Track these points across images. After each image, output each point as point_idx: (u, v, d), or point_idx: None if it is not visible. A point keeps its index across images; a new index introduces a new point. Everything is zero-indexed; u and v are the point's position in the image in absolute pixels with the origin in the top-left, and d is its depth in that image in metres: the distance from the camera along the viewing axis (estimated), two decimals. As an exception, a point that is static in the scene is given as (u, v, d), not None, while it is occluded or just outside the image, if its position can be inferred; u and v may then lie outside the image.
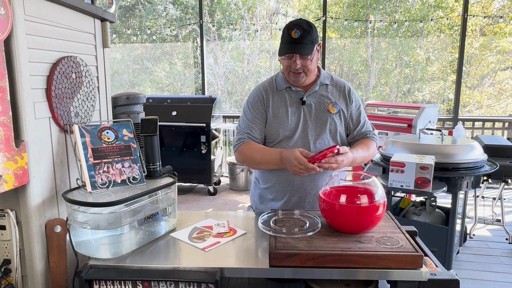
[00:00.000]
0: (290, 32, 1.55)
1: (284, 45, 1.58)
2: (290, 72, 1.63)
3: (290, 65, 1.60)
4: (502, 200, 3.58)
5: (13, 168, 1.13)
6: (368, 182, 1.32)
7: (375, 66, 11.56)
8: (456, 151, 2.65)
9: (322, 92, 1.72)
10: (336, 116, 1.70)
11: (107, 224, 1.26)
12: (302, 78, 1.64)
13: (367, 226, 1.28)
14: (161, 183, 1.43)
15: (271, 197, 1.75)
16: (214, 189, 5.07)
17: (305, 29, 1.55)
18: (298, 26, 1.55)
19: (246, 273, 1.20)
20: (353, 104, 1.75)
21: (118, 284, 1.17)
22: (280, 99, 1.70)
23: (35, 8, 1.24)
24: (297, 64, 1.58)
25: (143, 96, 2.21)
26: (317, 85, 1.70)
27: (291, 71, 1.62)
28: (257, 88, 1.76)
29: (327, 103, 1.70)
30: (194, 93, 12.26)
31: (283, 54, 1.59)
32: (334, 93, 1.73)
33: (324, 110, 1.69)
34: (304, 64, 1.59)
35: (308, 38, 1.55)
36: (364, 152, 1.67)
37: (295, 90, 1.70)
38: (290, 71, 1.62)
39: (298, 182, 1.67)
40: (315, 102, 1.70)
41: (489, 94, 11.14)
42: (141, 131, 1.51)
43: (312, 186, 1.68)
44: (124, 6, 12.09)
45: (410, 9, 10.77)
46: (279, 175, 1.69)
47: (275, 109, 1.69)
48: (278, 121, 1.68)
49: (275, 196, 1.73)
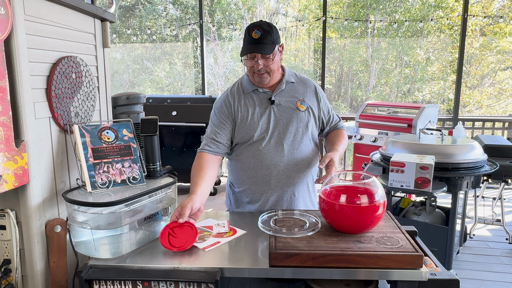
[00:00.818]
0: (251, 33, 1.57)
1: (246, 46, 1.59)
2: (254, 73, 1.65)
3: (253, 66, 1.61)
4: (502, 200, 3.58)
5: (13, 168, 1.13)
6: (368, 182, 1.32)
7: (375, 66, 11.56)
8: (456, 151, 2.64)
9: (289, 90, 1.73)
10: (305, 113, 1.71)
11: (107, 224, 1.26)
12: (266, 79, 1.65)
13: (367, 226, 1.28)
14: (161, 183, 1.43)
15: (247, 200, 1.74)
16: (214, 189, 5.07)
17: (266, 29, 1.57)
18: (258, 27, 1.58)
19: (246, 273, 1.20)
20: (322, 100, 1.79)
21: (118, 284, 1.17)
22: (248, 101, 1.70)
23: (35, 8, 1.24)
24: (260, 64, 1.59)
25: (143, 96, 2.21)
26: (283, 84, 1.71)
27: (255, 72, 1.64)
28: (224, 94, 1.77)
29: (295, 101, 1.71)
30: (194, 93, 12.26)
31: (244, 54, 1.61)
32: (300, 90, 1.75)
33: (293, 108, 1.70)
34: (266, 64, 1.61)
35: (268, 38, 1.57)
36: (343, 144, 1.74)
37: (262, 91, 1.70)
38: (253, 72, 1.64)
39: (274, 181, 1.67)
40: (284, 101, 1.71)
41: (489, 94, 11.14)
42: (141, 131, 1.51)
43: (288, 184, 1.68)
44: (124, 6, 12.10)
45: (410, 9, 10.77)
46: (254, 176, 1.68)
47: (244, 112, 1.69)
48: (249, 123, 1.68)
49: (252, 198, 1.72)
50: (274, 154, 1.66)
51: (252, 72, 1.65)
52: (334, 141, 1.75)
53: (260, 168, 1.67)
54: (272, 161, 1.66)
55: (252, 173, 1.69)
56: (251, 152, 1.68)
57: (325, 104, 1.81)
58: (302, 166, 1.69)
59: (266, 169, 1.66)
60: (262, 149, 1.66)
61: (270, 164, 1.66)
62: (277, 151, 1.66)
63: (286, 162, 1.67)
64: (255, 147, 1.67)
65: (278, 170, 1.66)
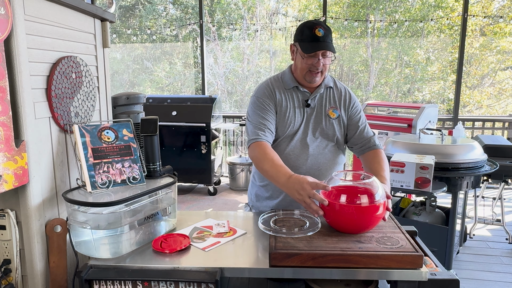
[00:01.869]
0: (314, 30, 1.55)
1: (309, 43, 1.56)
2: (308, 72, 1.62)
3: (313, 64, 1.59)
4: (502, 200, 3.58)
5: (13, 168, 1.13)
6: (368, 182, 1.32)
7: (375, 66, 11.55)
8: (456, 151, 2.65)
9: (325, 95, 1.72)
10: (336, 121, 1.71)
11: (107, 224, 1.26)
12: (318, 77, 1.64)
13: (367, 226, 1.28)
14: (161, 183, 1.43)
15: (267, 195, 1.75)
16: (214, 189, 5.07)
17: (326, 28, 1.58)
18: (319, 25, 1.57)
19: (246, 273, 1.20)
20: (353, 109, 1.74)
21: (118, 284, 1.17)
22: (287, 97, 1.70)
23: (35, 8, 1.24)
24: (320, 62, 1.58)
25: (143, 96, 2.21)
26: (322, 87, 1.71)
27: (310, 71, 1.61)
28: (265, 83, 1.73)
29: (328, 107, 1.71)
30: (194, 93, 12.26)
31: (310, 52, 1.56)
32: (335, 98, 1.73)
33: (325, 114, 1.70)
34: (324, 63, 1.60)
35: (329, 37, 1.58)
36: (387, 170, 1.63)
37: (302, 90, 1.69)
38: (309, 70, 1.61)
39: None
40: (317, 105, 1.70)
41: (489, 94, 11.14)
42: (141, 131, 1.51)
43: None
44: (124, 6, 12.09)
45: (410, 9, 10.77)
46: None
47: (282, 107, 1.68)
48: (284, 119, 1.67)
49: (272, 194, 1.74)
50: (299, 155, 1.67)
51: (307, 70, 1.62)
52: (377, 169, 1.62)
53: None
54: (296, 161, 1.66)
55: None
56: (277, 149, 1.67)
57: (357, 114, 1.74)
58: (324, 172, 1.69)
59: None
60: (288, 148, 1.67)
61: (294, 164, 1.66)
62: (302, 153, 1.67)
63: (309, 165, 1.67)
64: (281, 145, 1.68)
65: (300, 172, 1.65)
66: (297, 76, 1.69)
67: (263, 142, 1.59)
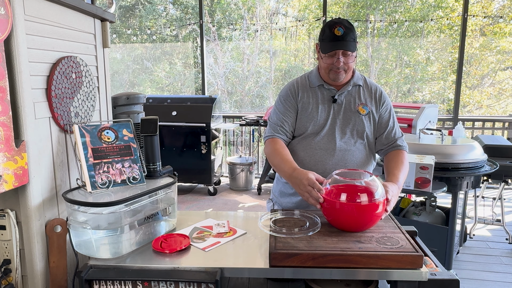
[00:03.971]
0: (333, 29, 1.55)
1: (328, 43, 1.57)
2: (331, 70, 1.63)
3: (333, 63, 1.60)
4: (502, 200, 3.58)
5: (13, 168, 1.13)
6: (368, 181, 1.32)
7: (375, 66, 11.55)
8: (456, 151, 2.65)
9: (353, 92, 1.72)
10: (366, 117, 1.70)
11: (107, 224, 1.26)
12: (342, 75, 1.64)
13: (367, 224, 1.28)
14: (161, 183, 1.43)
15: (291, 192, 1.76)
16: (214, 189, 5.07)
17: (347, 27, 1.57)
18: (340, 24, 1.56)
19: (246, 273, 1.20)
20: (383, 107, 1.74)
21: (118, 284, 1.17)
22: (311, 95, 1.72)
23: (35, 8, 1.24)
24: (340, 61, 1.59)
25: (143, 96, 2.21)
26: (350, 85, 1.71)
27: (332, 69, 1.62)
28: (290, 83, 1.78)
29: (358, 103, 1.71)
30: (194, 93, 12.26)
31: (328, 51, 1.58)
32: (365, 95, 1.73)
33: (354, 110, 1.70)
34: (346, 61, 1.60)
35: (351, 35, 1.56)
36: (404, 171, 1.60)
37: (327, 88, 1.71)
38: (331, 69, 1.63)
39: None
40: (346, 102, 1.71)
41: (489, 94, 11.14)
42: (141, 131, 1.51)
43: None
44: (124, 6, 12.09)
45: (410, 9, 10.77)
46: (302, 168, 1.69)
47: (305, 104, 1.70)
48: (308, 116, 1.69)
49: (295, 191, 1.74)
50: (325, 151, 1.67)
51: (329, 69, 1.63)
52: (392, 167, 1.61)
53: (308, 162, 1.68)
54: (322, 157, 1.67)
55: (300, 166, 1.68)
56: (303, 145, 1.70)
57: (386, 112, 1.74)
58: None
59: (314, 165, 1.67)
60: (314, 144, 1.68)
61: (319, 160, 1.67)
62: (328, 149, 1.67)
63: (335, 161, 1.67)
64: (308, 141, 1.69)
65: (325, 168, 1.66)
66: (323, 75, 1.71)
67: (275, 138, 1.70)
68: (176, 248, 1.27)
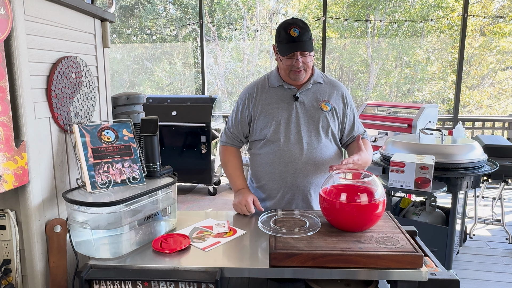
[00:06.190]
0: (289, 31, 1.56)
1: (285, 45, 1.58)
2: (291, 71, 1.63)
3: (292, 64, 1.60)
4: (502, 200, 3.58)
5: (13, 168, 1.13)
6: (368, 181, 1.32)
7: (375, 66, 11.55)
8: (456, 151, 2.64)
9: (315, 90, 1.73)
10: (329, 114, 1.71)
11: (107, 224, 1.26)
12: (302, 75, 1.65)
13: (367, 224, 1.28)
14: (161, 183, 1.43)
15: (263, 196, 1.76)
16: (214, 189, 5.07)
17: (302, 27, 1.57)
18: (295, 24, 1.57)
19: (246, 273, 1.20)
20: (349, 107, 1.77)
21: (118, 284, 1.17)
22: (271, 96, 1.72)
23: (35, 8, 1.24)
24: (299, 62, 1.59)
25: (143, 96, 2.21)
26: (310, 83, 1.71)
27: (292, 70, 1.63)
28: (250, 85, 1.79)
29: (320, 100, 1.71)
30: (194, 93, 12.26)
31: (287, 53, 1.59)
32: (327, 92, 1.74)
33: (317, 107, 1.70)
34: (305, 61, 1.60)
35: (306, 35, 1.57)
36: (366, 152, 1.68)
37: (288, 87, 1.71)
38: (291, 70, 1.63)
39: (290, 179, 1.68)
40: (308, 100, 1.71)
41: (489, 94, 11.14)
42: (141, 131, 1.51)
43: (305, 183, 1.68)
44: (124, 6, 12.09)
45: (410, 9, 10.77)
46: (271, 172, 1.70)
47: (264, 106, 1.70)
48: (268, 116, 1.69)
49: (268, 194, 1.75)
50: (293, 151, 1.67)
51: (289, 70, 1.64)
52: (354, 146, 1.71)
53: (277, 164, 1.68)
54: (290, 158, 1.67)
55: (269, 169, 1.70)
56: (270, 148, 1.69)
57: (351, 111, 1.78)
58: (320, 166, 1.69)
59: (283, 166, 1.67)
60: (281, 146, 1.68)
61: (288, 161, 1.67)
62: (296, 148, 1.67)
63: (304, 160, 1.67)
64: (274, 143, 1.69)
65: (295, 168, 1.66)
66: (283, 76, 1.71)
67: (229, 147, 1.84)
68: (176, 248, 1.27)
